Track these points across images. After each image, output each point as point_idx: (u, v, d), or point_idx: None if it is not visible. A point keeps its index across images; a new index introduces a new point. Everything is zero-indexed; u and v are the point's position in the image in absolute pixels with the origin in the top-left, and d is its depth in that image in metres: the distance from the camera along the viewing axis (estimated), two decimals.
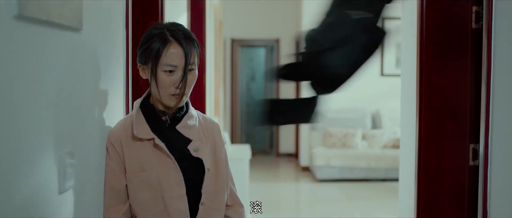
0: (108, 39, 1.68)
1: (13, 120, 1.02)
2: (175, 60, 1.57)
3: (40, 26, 1.13)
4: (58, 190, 1.24)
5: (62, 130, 1.27)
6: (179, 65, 1.58)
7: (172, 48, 1.58)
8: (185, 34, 1.61)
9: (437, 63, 2.53)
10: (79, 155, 1.37)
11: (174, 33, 1.59)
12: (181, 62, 1.58)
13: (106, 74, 1.64)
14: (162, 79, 1.58)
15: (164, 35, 1.59)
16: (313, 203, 6.48)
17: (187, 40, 1.60)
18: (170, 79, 1.58)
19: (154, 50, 1.58)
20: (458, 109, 2.53)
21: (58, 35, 1.24)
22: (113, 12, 1.74)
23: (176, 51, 1.57)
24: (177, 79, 1.58)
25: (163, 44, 1.57)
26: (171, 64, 1.57)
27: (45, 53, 1.17)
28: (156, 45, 1.58)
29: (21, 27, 1.05)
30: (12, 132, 1.02)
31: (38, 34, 1.13)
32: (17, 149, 1.04)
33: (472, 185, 2.54)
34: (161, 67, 1.57)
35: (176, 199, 1.62)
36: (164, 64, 1.57)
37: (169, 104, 1.63)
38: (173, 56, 1.57)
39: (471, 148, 2.52)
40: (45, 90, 1.17)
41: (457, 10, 2.51)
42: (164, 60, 1.57)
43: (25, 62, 1.07)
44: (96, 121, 1.56)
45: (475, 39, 2.48)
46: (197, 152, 1.66)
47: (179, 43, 1.58)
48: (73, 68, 1.34)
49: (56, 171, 1.22)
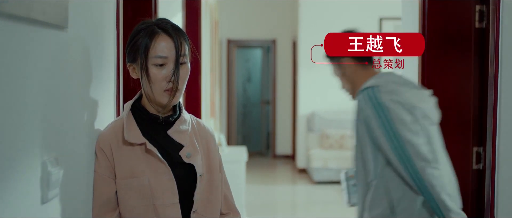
0: (97, 38, 1.60)
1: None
2: (165, 51, 1.50)
3: (19, 24, 1.05)
4: (40, 200, 1.15)
5: (46, 135, 1.18)
6: (170, 57, 1.51)
7: (160, 39, 1.51)
8: (173, 26, 1.54)
9: (439, 64, 2.48)
10: (65, 161, 1.28)
11: (162, 25, 1.53)
12: (172, 53, 1.50)
13: (95, 75, 1.56)
14: (153, 73, 1.50)
15: (151, 28, 1.52)
16: (310, 206, 6.42)
17: (175, 31, 1.53)
18: (162, 74, 1.51)
19: (142, 44, 1.50)
20: (461, 110, 2.48)
21: (41, 33, 1.16)
22: (103, 11, 1.66)
23: (165, 43, 1.50)
24: (169, 72, 1.51)
25: (151, 37, 1.50)
26: (161, 55, 1.50)
27: (26, 52, 1.09)
28: (144, 39, 1.51)
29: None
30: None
31: (18, 33, 1.05)
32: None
33: (476, 189, 2.48)
34: (151, 60, 1.50)
35: (169, 207, 1.54)
36: (154, 56, 1.50)
37: (163, 102, 1.54)
38: (163, 47, 1.50)
39: (474, 151, 2.46)
40: (26, 93, 1.09)
41: (460, 9, 2.46)
42: (153, 52, 1.50)
43: (4, 63, 0.99)
44: (84, 124, 1.47)
45: (478, 39, 2.43)
46: (189, 158, 1.58)
47: (168, 33, 1.51)
48: (58, 69, 1.26)
49: (38, 180, 1.14)
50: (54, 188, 1.20)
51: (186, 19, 3.76)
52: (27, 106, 1.09)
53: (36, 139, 1.13)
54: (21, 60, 1.06)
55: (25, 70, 1.08)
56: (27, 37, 1.09)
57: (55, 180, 1.20)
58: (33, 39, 1.12)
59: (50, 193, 1.18)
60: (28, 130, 1.10)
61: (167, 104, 1.55)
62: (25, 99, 1.08)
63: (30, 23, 1.09)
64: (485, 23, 2.41)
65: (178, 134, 1.60)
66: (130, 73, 1.58)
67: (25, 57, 1.08)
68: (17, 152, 1.05)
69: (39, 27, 1.14)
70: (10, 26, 1.01)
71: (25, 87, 1.08)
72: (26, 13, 1.05)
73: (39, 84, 1.15)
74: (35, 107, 1.13)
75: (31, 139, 1.11)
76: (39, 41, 1.15)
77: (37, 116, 1.14)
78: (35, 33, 1.12)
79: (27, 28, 1.08)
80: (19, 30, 1.05)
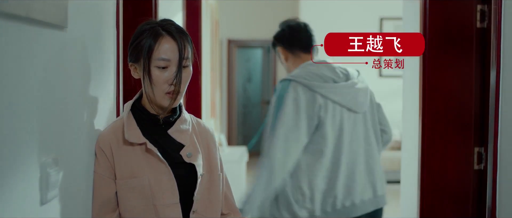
0: (97, 38, 1.59)
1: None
2: (168, 54, 1.49)
3: (18, 23, 1.04)
4: (39, 201, 1.14)
5: (45, 135, 1.17)
6: (173, 60, 1.50)
7: (164, 41, 1.50)
8: (177, 28, 1.53)
9: (440, 64, 2.47)
10: (64, 162, 1.27)
11: (166, 27, 1.52)
12: (175, 56, 1.50)
13: (95, 75, 1.55)
14: (156, 76, 1.50)
15: (155, 29, 1.51)
16: None
17: (180, 33, 1.52)
18: (164, 76, 1.50)
19: (145, 45, 1.49)
20: (462, 111, 2.47)
21: (40, 33, 1.15)
22: (103, 10, 1.65)
23: (169, 45, 1.49)
24: (171, 75, 1.50)
25: (155, 38, 1.50)
26: (164, 58, 1.49)
27: (25, 52, 1.08)
28: (148, 40, 1.50)
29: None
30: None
31: (17, 32, 1.04)
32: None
33: (477, 190, 2.47)
34: (154, 63, 1.49)
35: (169, 207, 1.53)
36: (157, 58, 1.49)
37: (163, 104, 1.54)
38: (166, 50, 1.49)
39: (476, 151, 2.45)
40: (25, 93, 1.08)
41: (461, 9, 2.44)
42: (157, 54, 1.49)
43: (3, 63, 0.98)
44: (84, 124, 1.47)
45: (480, 39, 2.41)
46: (190, 157, 1.57)
47: (172, 36, 1.50)
48: (58, 68, 1.25)
49: (37, 181, 1.13)
50: (53, 189, 1.19)
51: (187, 19, 3.74)
52: (25, 107, 1.08)
53: (35, 139, 1.13)
54: (20, 60, 1.05)
55: (24, 71, 1.07)
56: (26, 37, 1.08)
57: (54, 180, 1.20)
58: (32, 39, 1.11)
59: (49, 194, 1.18)
60: (27, 131, 1.09)
61: (168, 107, 1.55)
62: (24, 99, 1.07)
63: (30, 23, 1.09)
64: (486, 23, 2.39)
65: (179, 133, 1.60)
66: (131, 73, 1.57)
67: (24, 57, 1.07)
68: (16, 153, 1.04)
69: (38, 27, 1.13)
70: (9, 26, 1.00)
71: (24, 88, 1.07)
72: (25, 12, 1.04)
73: (38, 84, 1.14)
74: (34, 107, 1.12)
75: (30, 140, 1.10)
76: (38, 41, 1.14)
77: (36, 117, 1.13)
78: (34, 33, 1.12)
79: (26, 28, 1.07)
80: (18, 30, 1.04)
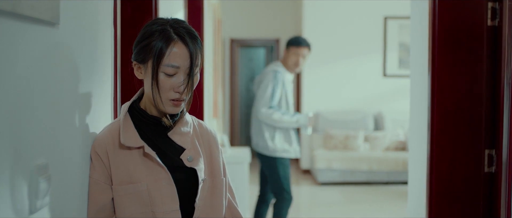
0: (92, 36, 1.51)
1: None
2: (178, 61, 1.41)
3: (5, 19, 0.96)
4: (28, 210, 1.07)
5: (35, 139, 1.10)
6: (182, 67, 1.42)
7: (175, 47, 1.41)
8: (189, 33, 1.44)
9: (449, 63, 2.39)
10: (56, 168, 1.20)
11: (178, 31, 1.43)
12: (185, 64, 1.42)
13: (90, 75, 1.47)
14: (162, 81, 1.42)
15: (166, 32, 1.42)
16: (314, 207, 6.33)
17: (192, 39, 1.43)
18: (170, 83, 1.42)
19: (156, 48, 1.41)
20: (472, 112, 2.39)
21: (29, 30, 1.07)
22: (98, 7, 1.57)
23: (180, 51, 1.41)
24: (178, 82, 1.42)
25: (167, 43, 1.41)
26: (173, 65, 1.41)
27: (13, 51, 1.00)
28: (159, 43, 1.41)
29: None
30: None
31: (3, 29, 0.96)
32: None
33: (487, 193, 2.39)
34: (162, 68, 1.41)
35: (169, 214, 1.46)
36: (167, 65, 1.41)
37: (166, 111, 1.47)
38: (176, 56, 1.41)
39: (486, 154, 2.38)
40: (14, 94, 1.00)
41: (471, 6, 2.37)
42: (167, 60, 1.40)
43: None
44: (78, 127, 1.39)
45: (491, 37, 2.34)
46: (191, 161, 1.49)
47: (184, 42, 1.42)
48: (49, 67, 1.18)
49: (26, 188, 1.05)
50: (43, 196, 1.11)
51: (189, 18, 3.67)
52: (14, 109, 1.01)
53: (24, 143, 1.05)
54: (7, 59, 0.98)
55: (13, 70, 1.00)
56: (14, 34, 1.00)
57: (44, 187, 1.12)
58: (21, 36, 1.03)
59: (38, 202, 1.10)
60: (16, 134, 1.01)
61: (170, 113, 1.48)
62: (12, 101, 1.00)
63: (17, 18, 1.01)
64: (497, 20, 2.32)
65: (179, 136, 1.52)
66: (134, 72, 1.49)
67: (12, 56, 0.99)
68: (3, 158, 0.96)
69: (27, 23, 1.06)
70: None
71: (13, 88, 1.00)
72: (11, 7, 0.96)
73: (28, 85, 1.07)
74: (24, 109, 1.04)
75: (18, 144, 1.02)
76: (27, 39, 1.06)
77: (25, 119, 1.05)
78: (23, 29, 1.04)
79: (13, 24, 1.00)
80: (4, 26, 0.96)
